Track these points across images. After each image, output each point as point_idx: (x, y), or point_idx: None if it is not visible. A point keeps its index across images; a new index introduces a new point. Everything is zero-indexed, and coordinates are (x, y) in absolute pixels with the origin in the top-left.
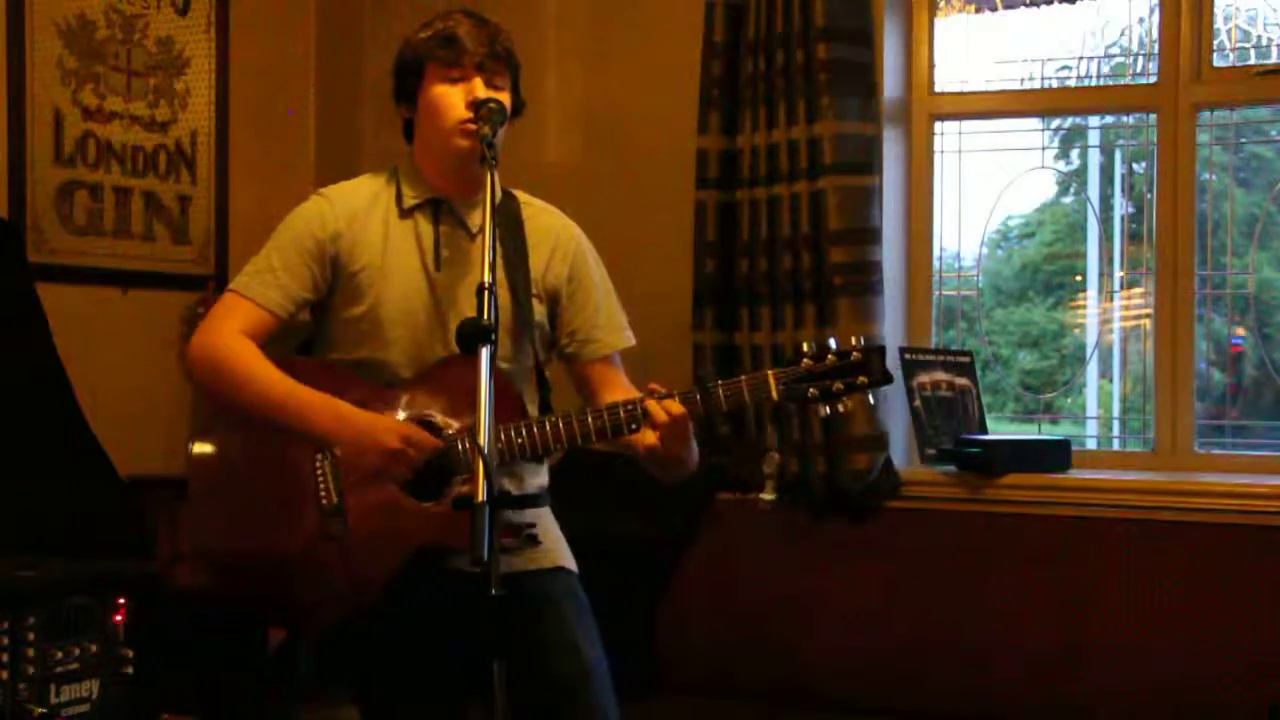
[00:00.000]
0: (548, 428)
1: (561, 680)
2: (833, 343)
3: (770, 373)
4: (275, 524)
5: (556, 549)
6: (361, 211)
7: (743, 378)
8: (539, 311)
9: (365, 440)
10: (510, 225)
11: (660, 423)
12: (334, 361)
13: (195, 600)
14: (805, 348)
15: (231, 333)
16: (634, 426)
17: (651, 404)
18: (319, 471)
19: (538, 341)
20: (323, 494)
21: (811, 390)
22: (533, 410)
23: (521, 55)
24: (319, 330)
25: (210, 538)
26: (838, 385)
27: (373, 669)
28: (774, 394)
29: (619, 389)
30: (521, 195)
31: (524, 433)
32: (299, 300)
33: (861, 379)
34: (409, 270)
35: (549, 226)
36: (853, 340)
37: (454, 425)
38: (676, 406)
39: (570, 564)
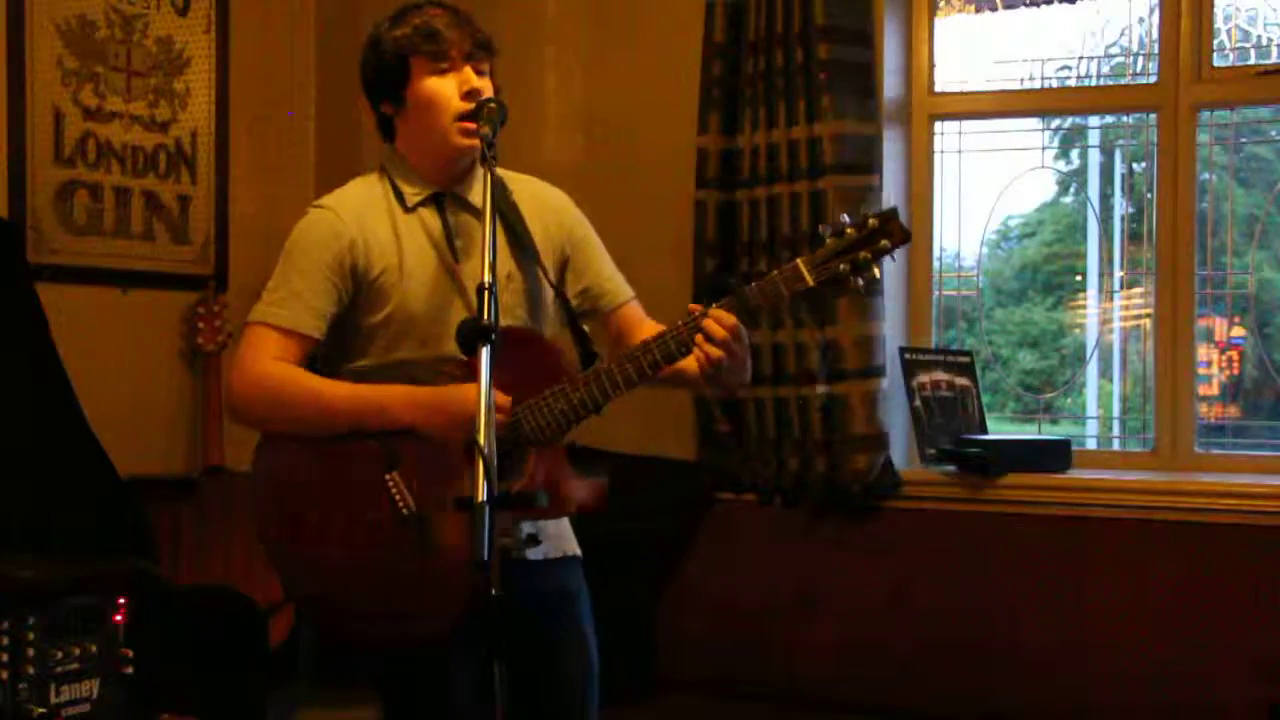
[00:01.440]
0: (603, 376)
1: (571, 677)
2: (845, 218)
3: (800, 260)
4: (354, 547)
5: (566, 534)
6: (367, 215)
7: (774, 271)
8: (553, 277)
9: (457, 417)
10: (506, 205)
11: (719, 337)
12: (373, 368)
13: (199, 599)
14: (822, 229)
15: (271, 361)
16: (684, 350)
17: (704, 322)
18: (390, 485)
19: (556, 309)
20: (400, 505)
21: (842, 266)
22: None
23: (521, 55)
24: (338, 341)
25: (304, 583)
26: (864, 254)
27: (392, 666)
28: (809, 279)
29: (649, 327)
30: (501, 172)
31: (580, 388)
32: (329, 318)
33: (884, 242)
34: (427, 266)
35: (537, 195)
36: (862, 214)
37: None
38: (728, 317)
39: (577, 549)
